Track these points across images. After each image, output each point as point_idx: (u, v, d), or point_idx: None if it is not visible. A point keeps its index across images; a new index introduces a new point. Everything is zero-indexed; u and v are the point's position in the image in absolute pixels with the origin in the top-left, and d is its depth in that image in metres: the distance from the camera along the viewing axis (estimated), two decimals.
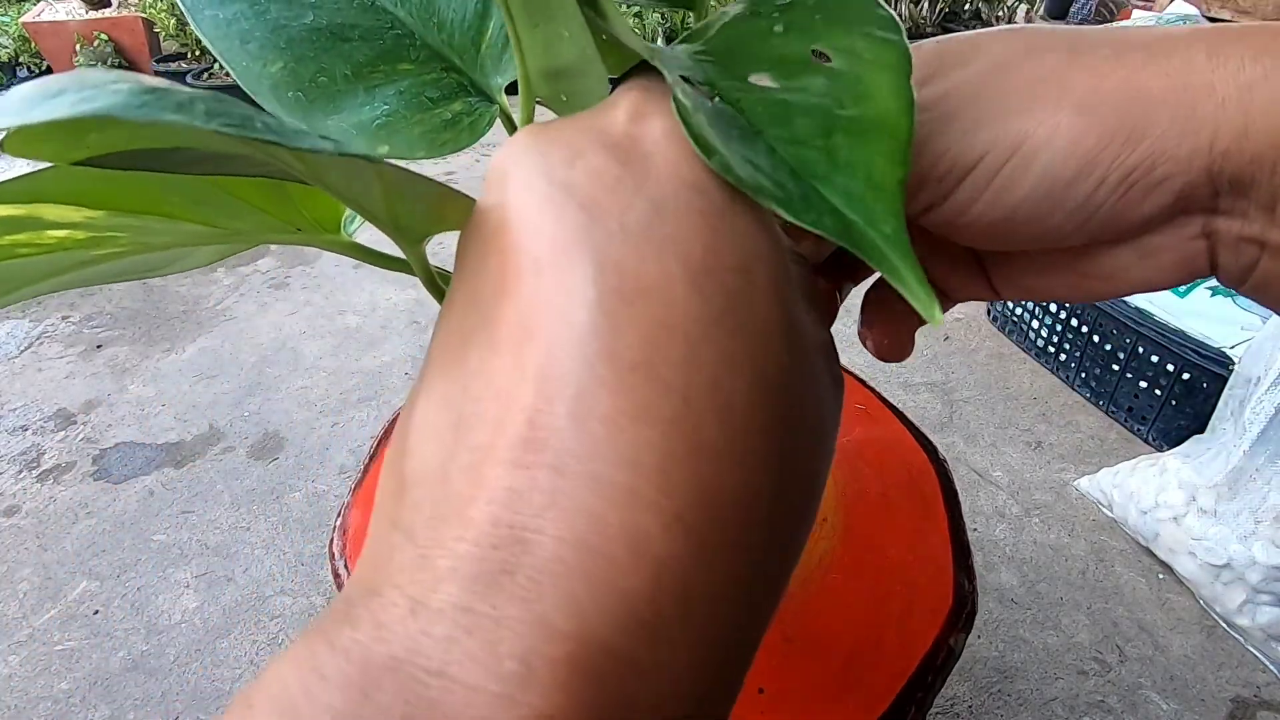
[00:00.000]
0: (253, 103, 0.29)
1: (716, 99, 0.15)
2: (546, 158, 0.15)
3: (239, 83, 0.24)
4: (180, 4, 0.25)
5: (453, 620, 0.12)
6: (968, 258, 0.23)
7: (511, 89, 0.25)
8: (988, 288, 0.23)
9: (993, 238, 0.18)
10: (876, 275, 0.25)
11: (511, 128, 0.27)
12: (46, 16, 2.87)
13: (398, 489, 0.14)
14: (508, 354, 0.14)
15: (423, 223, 0.19)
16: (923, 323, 0.23)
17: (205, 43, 0.25)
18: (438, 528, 0.13)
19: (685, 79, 0.16)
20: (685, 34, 0.19)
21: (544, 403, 0.13)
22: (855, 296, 0.24)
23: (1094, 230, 0.17)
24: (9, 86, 2.92)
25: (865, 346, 0.24)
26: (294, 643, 0.13)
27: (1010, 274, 0.22)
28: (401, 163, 0.16)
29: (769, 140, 0.14)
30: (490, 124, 0.26)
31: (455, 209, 0.17)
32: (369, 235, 0.23)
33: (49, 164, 0.15)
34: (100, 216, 0.15)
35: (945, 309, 0.24)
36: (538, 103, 0.22)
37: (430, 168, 2.01)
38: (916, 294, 0.12)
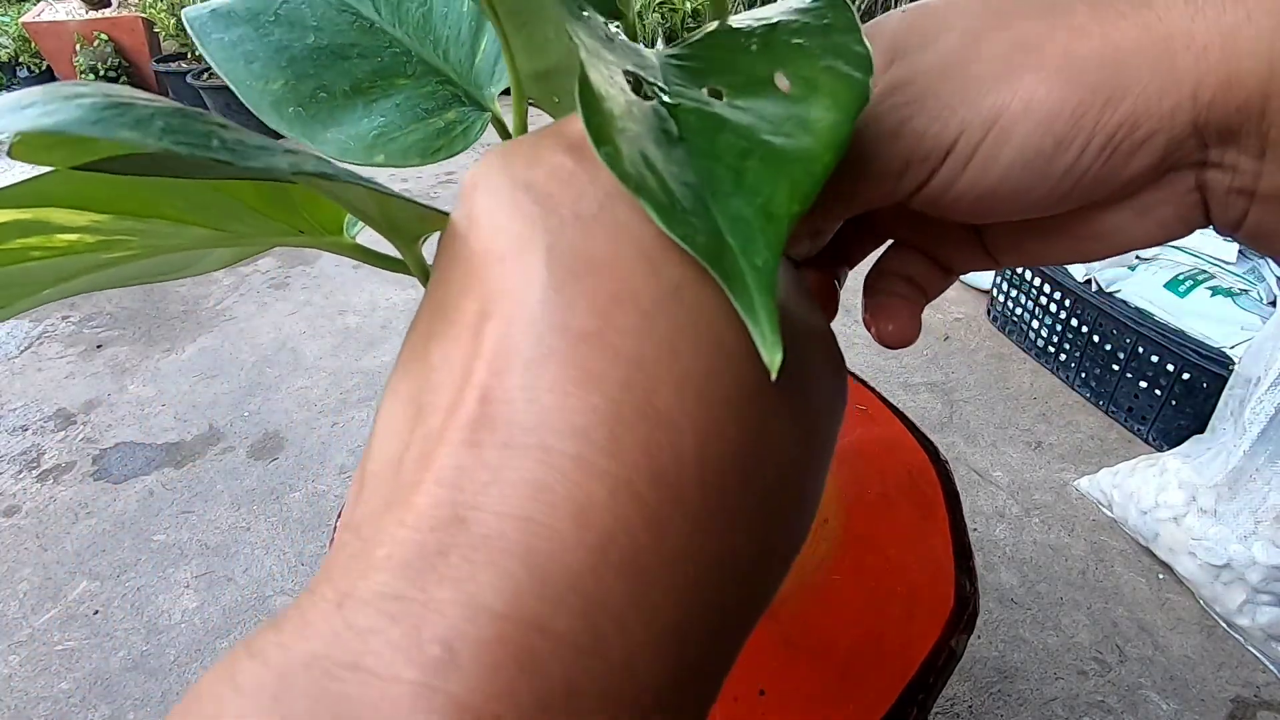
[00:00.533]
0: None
1: (658, 99, 0.15)
2: (510, 166, 0.15)
3: (242, 100, 0.25)
4: (189, 29, 0.27)
5: (378, 609, 0.11)
6: (964, 230, 0.22)
7: (507, 93, 0.26)
8: (986, 257, 0.22)
9: (982, 212, 0.18)
10: (875, 260, 0.25)
11: (504, 132, 0.28)
12: (46, 16, 2.87)
13: (357, 490, 0.14)
14: (466, 340, 0.14)
15: (416, 223, 0.19)
16: (925, 305, 0.23)
17: (211, 64, 0.26)
18: (381, 517, 0.12)
19: (630, 75, 0.16)
20: (675, 42, 0.19)
21: (495, 378, 0.13)
22: (852, 299, 0.24)
23: (1082, 195, 0.17)
24: (9, 86, 2.92)
25: (870, 333, 0.23)
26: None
27: (1007, 242, 0.22)
28: (398, 170, 0.17)
29: (689, 149, 0.14)
30: (482, 130, 0.26)
31: (437, 218, 0.17)
32: (369, 236, 0.23)
33: (50, 168, 0.15)
34: (106, 220, 0.15)
35: (948, 284, 0.24)
36: (530, 104, 0.22)
37: (431, 166, 2.01)
38: (764, 334, 0.12)
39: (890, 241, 0.25)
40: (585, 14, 0.18)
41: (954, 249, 0.23)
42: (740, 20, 0.18)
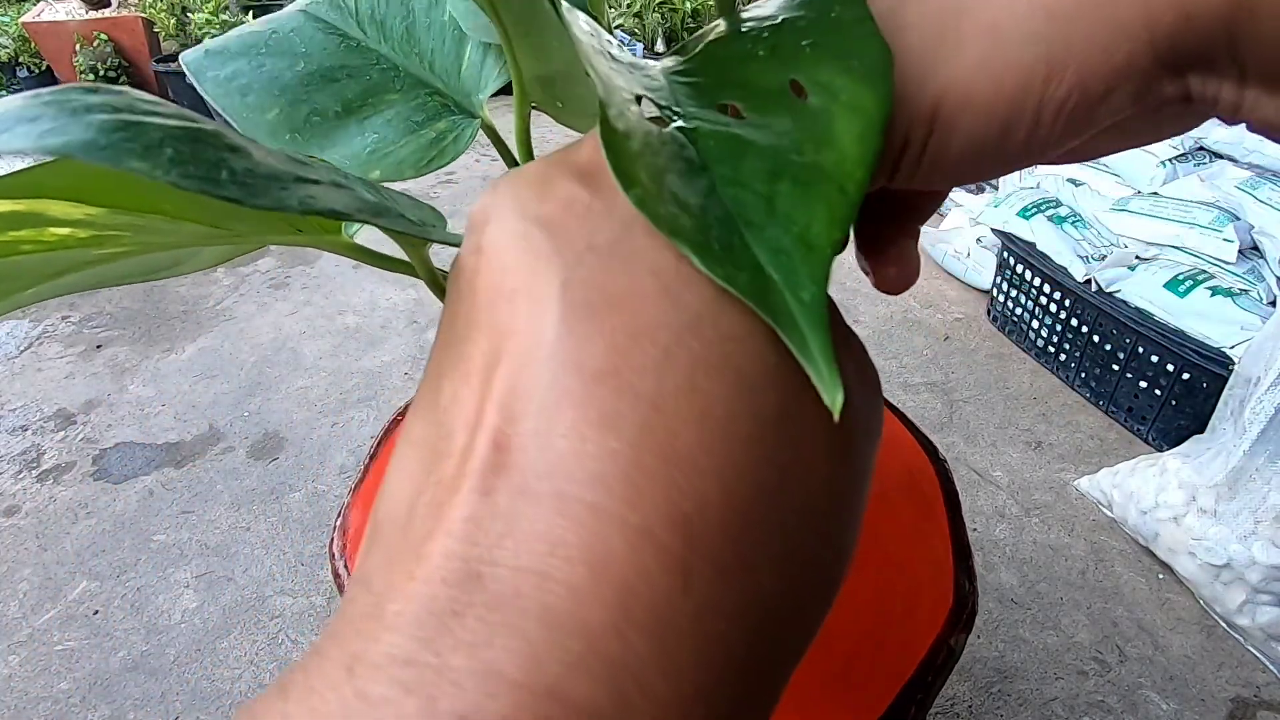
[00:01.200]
0: None
1: (673, 125, 0.15)
2: (519, 197, 0.14)
3: (241, 132, 0.26)
4: (187, 70, 0.27)
5: (390, 676, 0.10)
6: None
7: (505, 92, 0.26)
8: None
9: (953, 182, 0.17)
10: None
11: (495, 138, 0.28)
12: (46, 16, 2.87)
13: (370, 537, 0.14)
14: (476, 382, 0.13)
15: None
16: (918, 235, 0.21)
17: (208, 100, 0.27)
18: (392, 571, 0.12)
19: (642, 100, 0.15)
20: (674, 48, 0.19)
21: (508, 423, 0.12)
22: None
23: (1056, 148, 0.15)
24: (9, 87, 2.92)
25: (871, 281, 0.22)
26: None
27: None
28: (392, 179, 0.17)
29: (713, 177, 0.14)
30: (473, 137, 0.27)
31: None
32: (369, 236, 0.23)
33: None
34: (101, 214, 0.15)
35: (937, 206, 0.22)
36: (533, 107, 0.22)
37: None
38: (822, 374, 0.11)
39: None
40: (588, 29, 0.17)
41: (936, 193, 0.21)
42: (744, 21, 0.17)
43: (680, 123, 0.15)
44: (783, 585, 0.12)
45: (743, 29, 0.17)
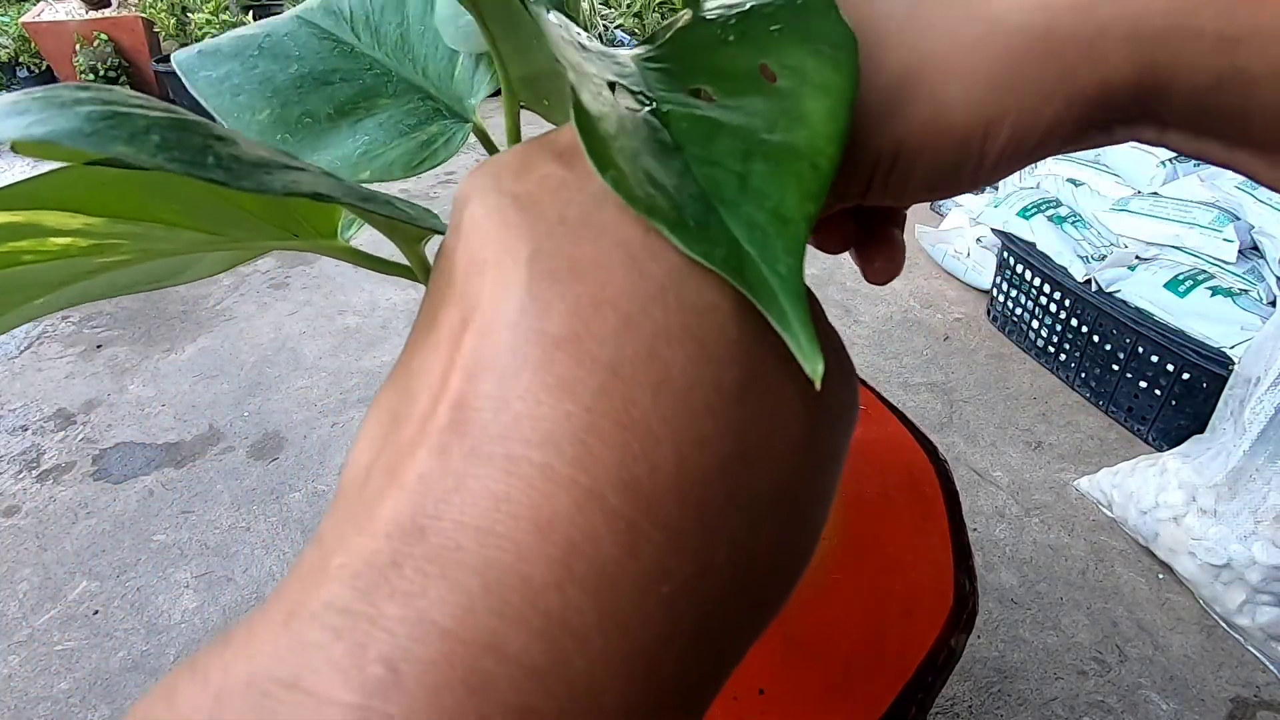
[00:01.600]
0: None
1: (646, 109, 0.15)
2: (499, 177, 0.15)
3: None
4: (178, 69, 0.28)
5: (324, 623, 0.11)
6: None
7: (496, 95, 0.26)
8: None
9: (920, 200, 0.18)
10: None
11: (486, 140, 0.29)
12: (46, 16, 2.87)
13: (333, 501, 0.14)
14: (444, 350, 0.13)
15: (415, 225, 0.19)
16: (903, 227, 0.23)
17: (200, 100, 0.27)
18: (343, 527, 0.12)
19: (615, 86, 0.15)
20: (644, 38, 0.19)
21: (469, 385, 0.12)
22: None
23: (1005, 175, 0.17)
24: (9, 87, 2.92)
25: (862, 274, 0.23)
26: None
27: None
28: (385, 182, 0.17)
29: (686, 158, 0.14)
30: (464, 140, 0.27)
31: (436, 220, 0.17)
32: (368, 236, 0.23)
33: (59, 165, 0.15)
34: (100, 224, 0.15)
35: (905, 212, 0.23)
36: (522, 107, 0.22)
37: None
38: (801, 345, 0.11)
39: None
40: (557, 22, 0.17)
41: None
42: (711, 9, 0.17)
43: (653, 106, 0.15)
44: (741, 559, 0.13)
45: (710, 16, 0.17)
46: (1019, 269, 1.38)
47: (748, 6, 0.17)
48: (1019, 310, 1.41)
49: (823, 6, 0.15)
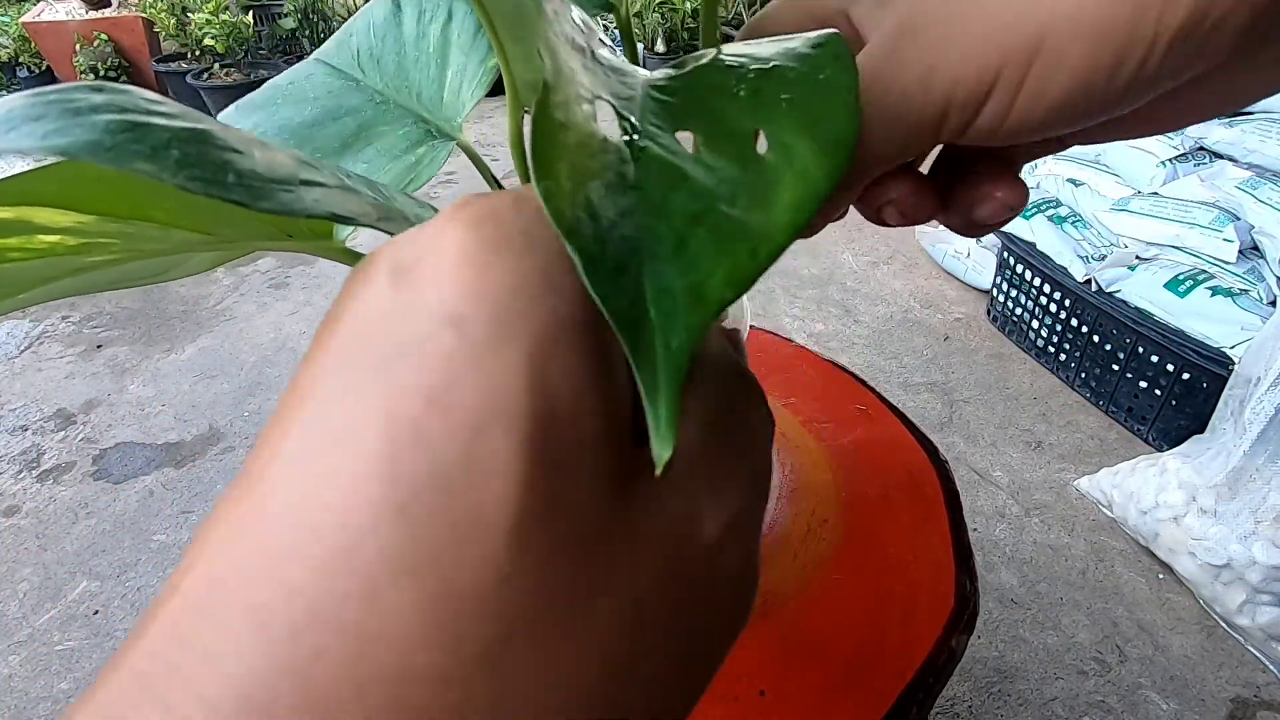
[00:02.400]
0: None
1: (623, 138, 0.15)
2: (358, 275, 0.13)
3: None
4: None
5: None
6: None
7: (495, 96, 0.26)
8: (1084, 136, 0.19)
9: (1040, 135, 0.16)
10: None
11: (472, 155, 0.30)
12: (46, 16, 2.87)
13: None
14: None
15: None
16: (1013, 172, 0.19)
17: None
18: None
19: (601, 101, 0.15)
20: (672, 62, 0.18)
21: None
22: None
23: (1154, 93, 0.14)
24: (9, 86, 2.92)
25: (888, 218, 0.20)
26: None
27: (1076, 137, 0.18)
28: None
29: (638, 200, 0.13)
30: (447, 157, 0.29)
31: None
32: (366, 236, 0.23)
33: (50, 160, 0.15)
34: (91, 222, 0.15)
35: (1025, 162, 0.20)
36: (526, 112, 0.22)
37: None
38: (659, 422, 0.11)
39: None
40: (570, 20, 0.17)
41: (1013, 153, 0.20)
42: (737, 54, 0.17)
43: (632, 139, 0.15)
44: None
45: (734, 63, 0.17)
46: (1019, 269, 1.38)
47: (770, 65, 0.16)
48: (1019, 310, 1.41)
49: (841, 89, 0.15)
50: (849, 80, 0.15)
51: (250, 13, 2.90)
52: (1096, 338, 1.24)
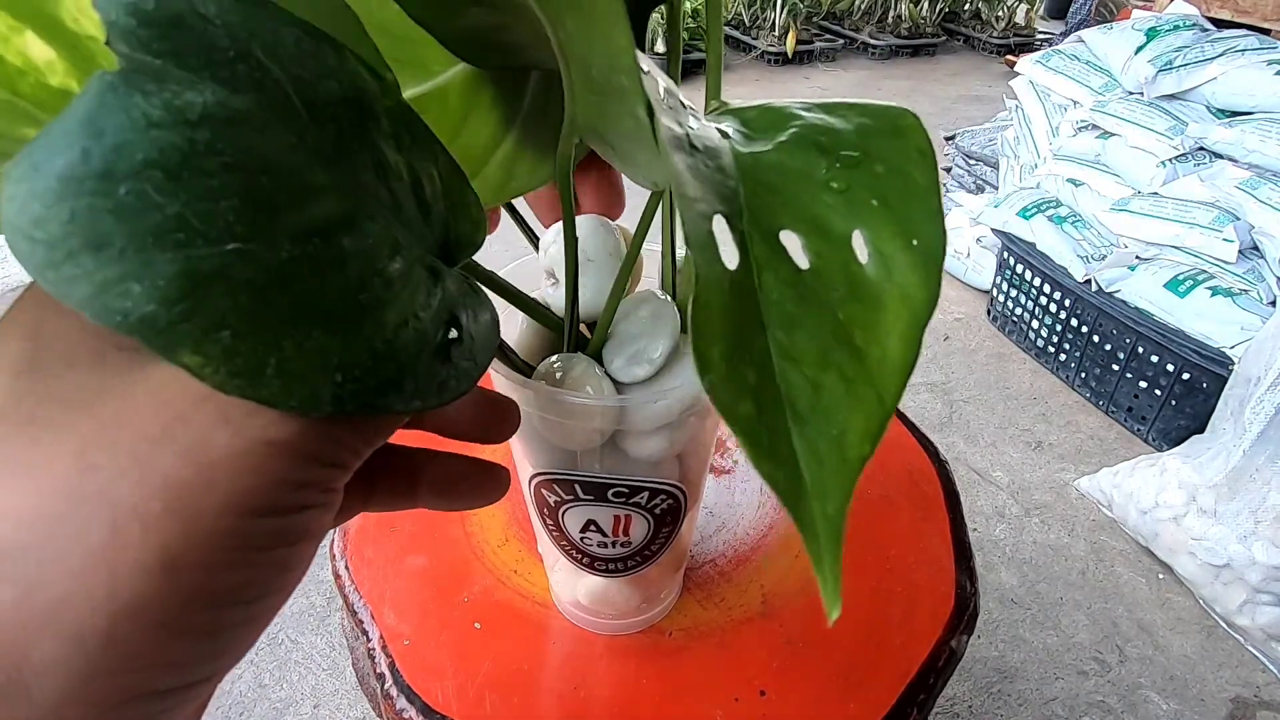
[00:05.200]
0: None
1: (746, 259, 0.14)
2: None
3: None
4: None
5: None
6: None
7: None
8: None
9: None
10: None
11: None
12: None
13: None
14: None
15: None
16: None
17: None
18: None
19: (725, 215, 0.14)
20: (737, 111, 0.17)
21: None
22: None
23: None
24: None
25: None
26: None
27: None
28: None
29: (770, 341, 0.13)
30: None
31: None
32: None
33: None
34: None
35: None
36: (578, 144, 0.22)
37: None
38: (827, 587, 0.12)
39: None
40: (665, 98, 0.15)
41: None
42: (818, 124, 0.16)
43: (750, 261, 0.14)
44: None
45: (821, 139, 0.16)
46: (1019, 269, 1.38)
47: (858, 157, 0.15)
48: (1019, 310, 1.41)
49: (926, 189, 0.14)
50: (933, 177, 0.15)
51: None
52: (1096, 338, 1.24)
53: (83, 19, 0.12)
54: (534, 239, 0.29)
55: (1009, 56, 3.06)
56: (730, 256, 0.14)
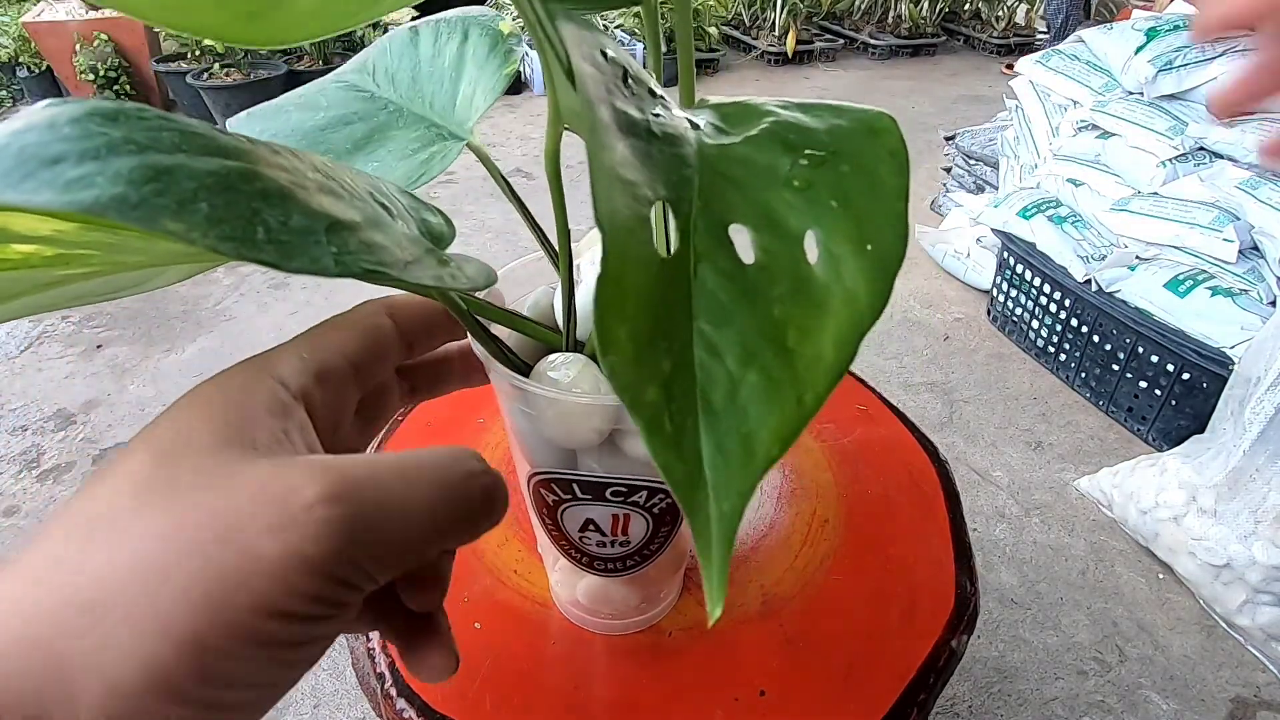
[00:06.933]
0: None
1: (683, 248, 0.14)
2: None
3: None
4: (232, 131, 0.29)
5: None
6: None
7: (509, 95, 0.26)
8: None
9: None
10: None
11: (482, 156, 0.30)
12: (46, 16, 2.87)
13: None
14: None
15: None
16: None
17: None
18: None
19: (661, 199, 0.14)
20: (716, 105, 0.17)
21: None
22: None
23: None
24: (9, 86, 2.92)
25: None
26: None
27: None
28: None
29: (695, 331, 0.13)
30: (457, 155, 0.29)
31: None
32: None
33: None
34: (72, 230, 0.14)
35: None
36: (565, 129, 0.22)
37: None
38: (712, 582, 0.12)
39: None
40: (620, 88, 0.16)
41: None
42: (792, 123, 0.16)
43: (690, 250, 0.14)
44: None
45: (792, 136, 0.16)
46: (1019, 269, 1.38)
47: (824, 155, 0.15)
48: (1019, 310, 1.41)
49: (892, 194, 0.14)
50: (902, 181, 0.15)
51: None
52: (1096, 338, 1.24)
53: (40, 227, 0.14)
54: (550, 250, 0.29)
55: (1006, 66, 3.05)
56: (666, 244, 0.14)
